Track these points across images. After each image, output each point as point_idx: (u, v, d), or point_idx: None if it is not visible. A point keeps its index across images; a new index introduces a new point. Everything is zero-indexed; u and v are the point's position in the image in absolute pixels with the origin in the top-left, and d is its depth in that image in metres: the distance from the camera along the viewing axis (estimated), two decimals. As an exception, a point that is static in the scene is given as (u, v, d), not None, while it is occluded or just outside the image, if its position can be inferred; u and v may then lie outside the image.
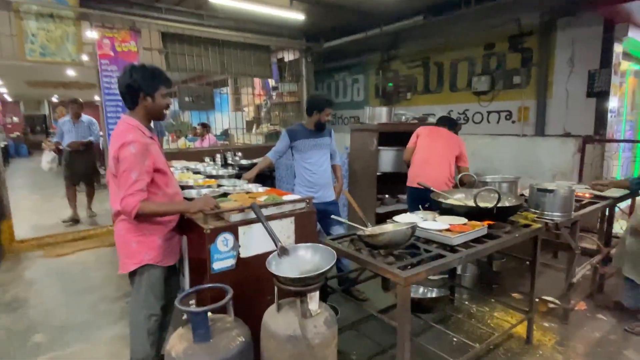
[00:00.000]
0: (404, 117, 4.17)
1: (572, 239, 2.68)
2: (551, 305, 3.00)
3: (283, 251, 1.85)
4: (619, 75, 5.11)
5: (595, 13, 4.81)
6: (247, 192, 2.43)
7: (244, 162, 5.56)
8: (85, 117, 5.58)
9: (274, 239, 1.86)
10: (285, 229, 2.13)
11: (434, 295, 2.79)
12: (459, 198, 2.70)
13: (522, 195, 2.98)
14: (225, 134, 8.32)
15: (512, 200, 2.56)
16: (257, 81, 8.10)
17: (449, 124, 3.62)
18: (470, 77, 6.44)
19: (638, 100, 6.87)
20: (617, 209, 3.32)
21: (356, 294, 3.13)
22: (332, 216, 2.32)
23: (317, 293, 1.71)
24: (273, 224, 1.94)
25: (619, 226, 3.65)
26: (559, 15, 5.24)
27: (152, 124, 2.04)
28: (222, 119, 7.39)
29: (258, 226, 2.01)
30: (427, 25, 6.20)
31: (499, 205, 2.31)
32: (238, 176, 3.23)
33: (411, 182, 3.57)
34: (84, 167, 5.57)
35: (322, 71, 8.46)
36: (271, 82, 7.77)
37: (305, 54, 6.78)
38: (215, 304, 1.56)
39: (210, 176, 3.01)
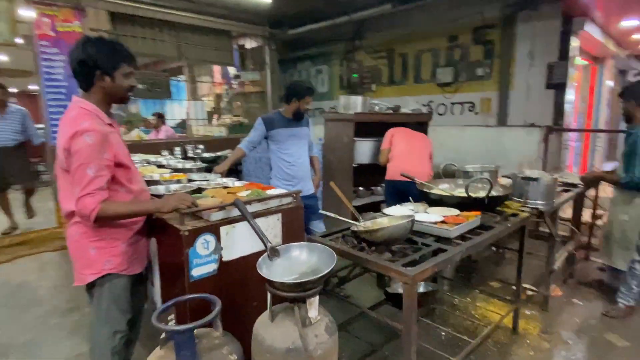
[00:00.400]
0: (377, 107, 4.05)
1: (553, 227, 2.70)
2: (529, 293, 3.03)
3: (274, 252, 1.64)
4: (575, 67, 5.35)
5: (555, 7, 4.96)
6: (225, 187, 2.17)
7: (206, 155, 5.20)
8: (14, 107, 4.64)
9: (263, 239, 1.64)
10: (272, 227, 1.92)
11: (421, 290, 2.70)
12: (444, 188, 2.61)
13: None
14: (182, 125, 7.82)
15: (499, 189, 2.51)
16: (217, 69, 7.66)
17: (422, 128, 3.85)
18: (434, 69, 6.48)
19: (584, 93, 7.32)
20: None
21: (338, 290, 2.98)
22: (321, 211, 2.13)
23: (317, 298, 1.52)
24: (259, 222, 1.71)
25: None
26: (520, 9, 5.36)
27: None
28: (178, 109, 6.92)
29: (242, 225, 1.78)
30: (392, 16, 6.16)
31: (489, 196, 2.24)
32: (208, 170, 2.93)
33: (391, 175, 3.50)
34: (14, 170, 4.64)
35: (285, 60, 8.18)
36: (232, 71, 7.38)
37: (268, 41, 6.47)
38: (202, 320, 1.32)
39: (177, 170, 2.69)
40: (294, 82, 2.94)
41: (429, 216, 2.09)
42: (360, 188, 4.13)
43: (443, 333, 2.57)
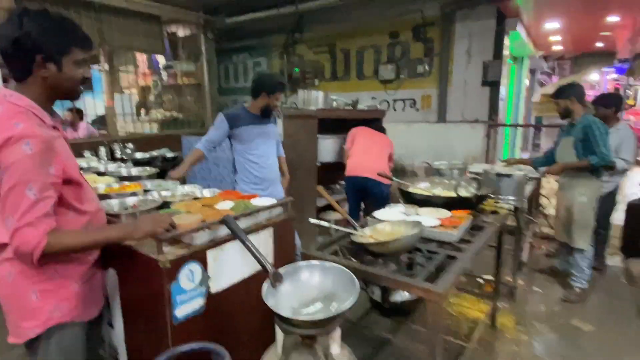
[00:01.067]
0: (335, 103, 3.87)
1: (523, 220, 2.77)
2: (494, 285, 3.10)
3: (277, 278, 1.36)
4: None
5: (490, 7, 5.23)
6: (195, 198, 1.81)
7: (138, 155, 4.58)
8: None
9: (264, 264, 1.36)
10: (263, 244, 1.62)
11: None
12: (425, 187, 2.52)
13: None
14: (100, 121, 6.85)
15: (476, 187, 2.48)
16: (142, 58, 6.83)
17: (382, 130, 3.78)
18: (376, 65, 6.50)
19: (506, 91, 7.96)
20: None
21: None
22: (311, 220, 1.87)
23: (339, 331, 1.29)
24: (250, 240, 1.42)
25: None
26: (458, 8, 5.56)
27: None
28: (91, 103, 6.02)
29: (231, 246, 1.47)
30: (334, 10, 6.02)
31: (478, 194, 2.19)
32: (160, 175, 2.48)
33: (350, 172, 3.47)
34: None
35: (220, 51, 7.61)
36: (161, 61, 6.63)
37: (204, 29, 5.91)
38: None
39: (123, 178, 2.19)
40: (264, 74, 2.60)
41: (427, 219, 1.96)
42: (320, 186, 3.92)
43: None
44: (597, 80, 14.67)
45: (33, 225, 1.06)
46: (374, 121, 3.76)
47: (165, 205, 1.69)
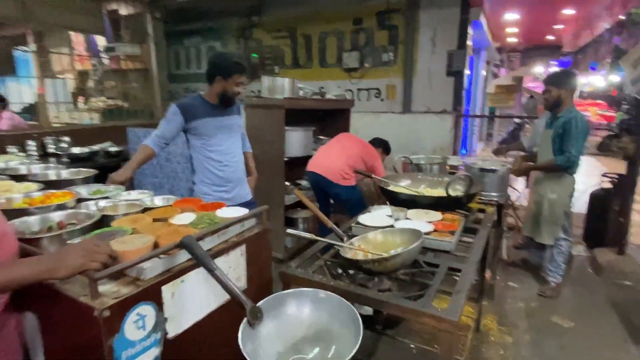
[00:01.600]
0: (301, 92, 3.55)
1: (504, 217, 2.66)
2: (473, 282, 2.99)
3: (256, 315, 1.07)
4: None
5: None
6: (145, 210, 1.44)
7: (76, 150, 4.01)
8: None
9: (239, 298, 1.06)
10: (233, 267, 1.30)
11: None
12: (407, 185, 2.31)
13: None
14: (30, 110, 6.02)
15: (467, 185, 2.31)
16: (79, 39, 6.06)
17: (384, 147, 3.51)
18: (339, 53, 6.23)
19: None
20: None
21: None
22: (289, 230, 1.57)
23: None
24: (217, 263, 1.10)
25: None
26: (422, -6, 5.42)
27: None
28: (16, 88, 5.26)
29: (193, 275, 1.14)
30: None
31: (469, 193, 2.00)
32: (101, 177, 2.03)
33: (309, 166, 3.22)
34: None
35: (169, 34, 6.95)
36: (100, 42, 5.91)
37: (150, 7, 5.30)
38: None
39: (50, 183, 1.73)
40: (218, 55, 2.17)
41: (419, 224, 1.74)
42: (287, 183, 3.62)
43: (413, 346, 2.31)
44: (542, 72, 15.52)
45: None
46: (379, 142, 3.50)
47: (104, 220, 1.31)
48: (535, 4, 5.76)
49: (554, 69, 15.46)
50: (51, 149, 4.06)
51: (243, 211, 1.43)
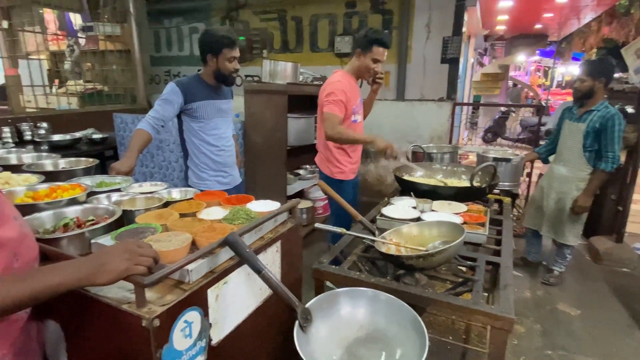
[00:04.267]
0: (302, 77, 3.44)
1: (516, 207, 2.66)
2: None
3: (306, 318, 1.00)
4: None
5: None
6: (165, 204, 1.33)
7: (56, 137, 3.77)
8: None
9: (290, 300, 0.99)
10: (270, 264, 1.22)
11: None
12: (422, 175, 2.27)
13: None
14: (1, 94, 5.62)
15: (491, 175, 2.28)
16: (51, 17, 5.67)
17: None
18: (332, 37, 6.09)
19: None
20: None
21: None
22: (317, 225, 1.50)
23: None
24: None
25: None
26: (418, -23, 5.33)
27: None
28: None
29: (234, 276, 1.06)
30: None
31: (491, 183, 1.98)
32: (99, 168, 1.88)
33: None
34: None
35: (149, 14, 6.62)
36: (77, 21, 5.55)
37: (132, -17, 5.00)
38: None
39: (46, 174, 1.57)
40: (205, 32, 2.04)
41: (447, 216, 1.70)
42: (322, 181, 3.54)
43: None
44: (523, 61, 15.81)
45: None
46: None
47: (123, 216, 1.20)
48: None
49: (536, 58, 15.81)
50: (27, 135, 3.81)
51: (274, 205, 1.35)
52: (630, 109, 3.54)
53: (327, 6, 5.98)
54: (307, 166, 4.13)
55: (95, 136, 3.89)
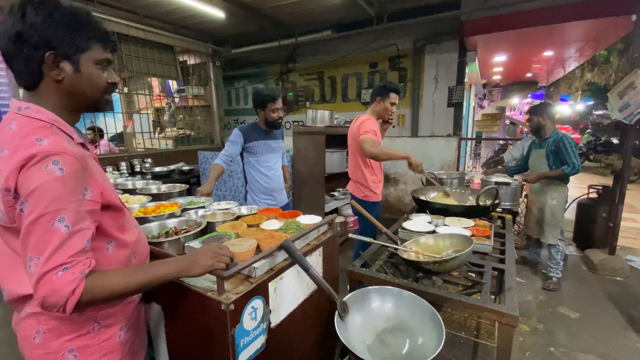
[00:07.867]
0: (336, 121, 3.52)
1: (516, 223, 2.51)
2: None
3: (344, 309, 1.00)
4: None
5: (454, 42, 5.07)
6: (236, 218, 1.40)
7: (157, 169, 4.06)
8: None
9: (331, 294, 0.99)
10: (315, 265, 1.24)
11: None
12: (435, 196, 2.22)
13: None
14: (116, 139, 6.19)
15: (493, 196, 2.20)
16: (155, 83, 6.24)
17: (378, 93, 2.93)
18: (358, 90, 6.23)
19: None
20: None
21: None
22: (351, 235, 1.51)
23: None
24: None
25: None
26: (427, 42, 5.38)
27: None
28: (110, 122, 5.39)
29: (288, 273, 1.08)
30: (323, 43, 5.72)
31: (494, 203, 1.90)
32: (188, 191, 2.02)
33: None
34: None
35: (224, 77, 7.12)
36: (173, 85, 6.07)
37: (212, 58, 5.43)
38: None
39: (152, 195, 1.73)
40: (254, 92, 2.20)
41: (458, 230, 1.64)
42: (354, 201, 3.58)
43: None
44: (517, 103, 15.19)
45: (66, 267, 0.64)
46: None
47: (207, 226, 1.28)
48: (520, 48, 5.65)
49: (529, 100, 15.15)
50: (138, 168, 4.14)
51: (316, 219, 1.37)
52: (615, 140, 3.30)
53: (355, 67, 6.14)
54: (340, 189, 4.15)
55: (184, 168, 4.16)
